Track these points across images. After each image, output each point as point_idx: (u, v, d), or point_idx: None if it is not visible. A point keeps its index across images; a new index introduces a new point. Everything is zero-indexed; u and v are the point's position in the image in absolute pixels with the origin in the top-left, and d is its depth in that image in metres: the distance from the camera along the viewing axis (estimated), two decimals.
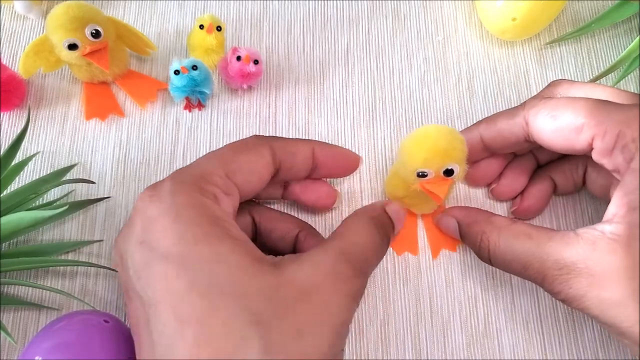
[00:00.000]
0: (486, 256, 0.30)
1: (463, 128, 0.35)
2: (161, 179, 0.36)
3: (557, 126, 0.29)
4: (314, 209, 0.36)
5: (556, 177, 0.35)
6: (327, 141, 0.38)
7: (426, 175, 0.31)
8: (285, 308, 0.23)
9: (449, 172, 0.31)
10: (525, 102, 0.32)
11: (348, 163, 0.34)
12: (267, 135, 0.34)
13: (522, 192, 0.35)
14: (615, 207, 0.26)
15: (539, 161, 0.36)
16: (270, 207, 0.34)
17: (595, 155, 0.28)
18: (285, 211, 0.35)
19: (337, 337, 0.24)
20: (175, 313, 0.22)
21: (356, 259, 0.26)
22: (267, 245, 0.33)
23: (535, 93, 0.40)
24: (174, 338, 0.22)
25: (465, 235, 0.32)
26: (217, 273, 0.23)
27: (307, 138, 0.38)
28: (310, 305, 0.23)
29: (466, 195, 0.37)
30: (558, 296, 0.27)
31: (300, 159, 0.31)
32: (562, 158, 0.35)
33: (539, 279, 0.27)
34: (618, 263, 0.25)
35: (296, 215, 0.35)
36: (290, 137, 0.38)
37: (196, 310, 0.22)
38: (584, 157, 0.33)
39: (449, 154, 0.30)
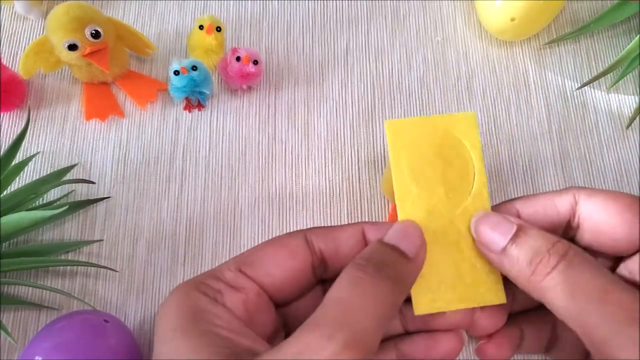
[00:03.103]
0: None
1: None
2: (161, 179, 0.37)
3: (616, 209, 0.25)
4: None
5: (525, 329, 0.30)
6: (326, 141, 0.38)
7: None
8: None
9: None
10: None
11: None
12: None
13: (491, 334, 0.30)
14: None
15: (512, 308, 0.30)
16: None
17: None
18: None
19: None
20: None
21: (336, 324, 0.21)
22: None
23: (535, 93, 0.40)
24: None
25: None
26: None
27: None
28: None
29: None
30: None
31: (345, 242, 0.27)
32: (534, 310, 0.30)
33: None
34: None
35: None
36: (290, 137, 0.38)
37: None
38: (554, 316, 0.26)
39: None
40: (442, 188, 0.27)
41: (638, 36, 0.38)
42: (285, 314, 0.28)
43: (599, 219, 0.26)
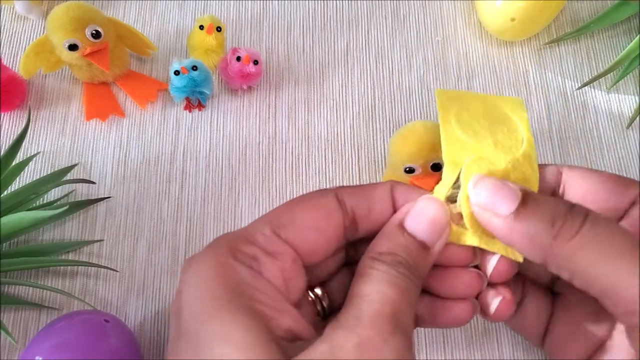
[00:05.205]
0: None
1: None
2: (161, 179, 0.37)
3: (598, 180, 0.26)
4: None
5: None
6: (326, 141, 0.38)
7: (414, 171, 0.31)
8: None
9: (436, 167, 0.31)
10: None
11: None
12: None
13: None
14: None
15: None
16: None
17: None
18: None
19: None
20: None
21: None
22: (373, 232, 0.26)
23: (535, 93, 0.40)
24: None
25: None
26: (220, 353, 0.21)
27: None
28: None
29: None
30: None
31: (379, 201, 0.26)
32: None
33: None
34: None
35: None
36: (290, 137, 0.38)
37: None
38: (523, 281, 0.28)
39: (434, 148, 0.30)
40: (489, 137, 0.26)
41: (638, 36, 0.38)
42: (308, 272, 0.26)
43: (584, 187, 0.26)
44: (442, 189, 0.25)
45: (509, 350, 0.33)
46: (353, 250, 0.28)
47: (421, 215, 0.24)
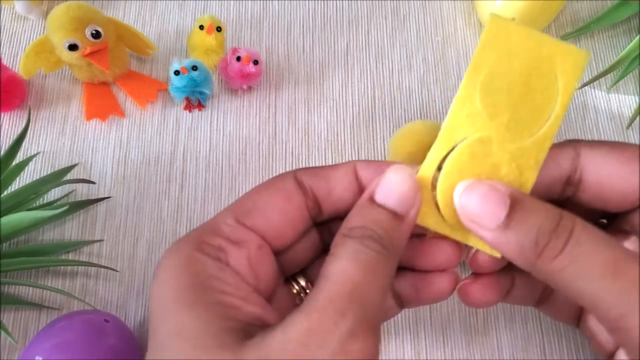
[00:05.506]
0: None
1: None
2: (161, 179, 0.37)
3: (621, 160, 0.24)
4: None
5: (517, 277, 0.27)
6: (326, 141, 0.38)
7: None
8: None
9: None
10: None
11: None
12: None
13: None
14: None
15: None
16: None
17: None
18: None
19: None
20: None
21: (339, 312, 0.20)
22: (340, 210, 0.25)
23: None
24: None
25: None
26: (176, 348, 0.20)
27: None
28: None
29: None
30: None
31: (339, 182, 0.25)
32: None
33: None
34: None
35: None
36: (290, 137, 0.38)
37: None
38: None
39: None
40: (507, 114, 0.24)
41: (638, 36, 0.38)
42: (282, 260, 0.26)
43: (604, 172, 0.24)
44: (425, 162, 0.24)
45: (508, 350, 0.33)
46: (328, 234, 0.27)
47: (390, 184, 0.23)
